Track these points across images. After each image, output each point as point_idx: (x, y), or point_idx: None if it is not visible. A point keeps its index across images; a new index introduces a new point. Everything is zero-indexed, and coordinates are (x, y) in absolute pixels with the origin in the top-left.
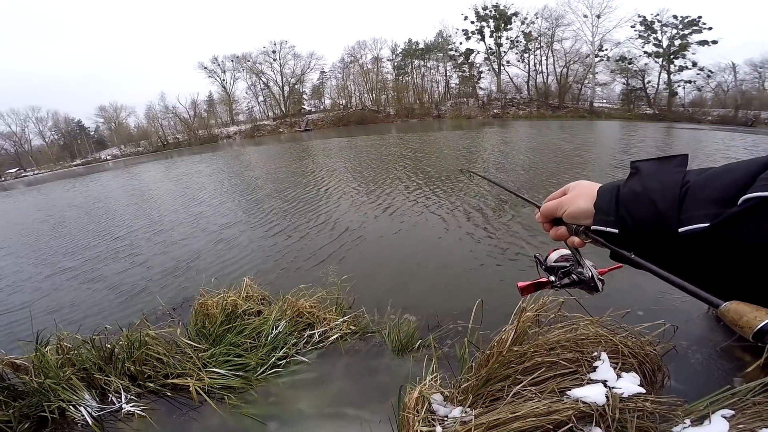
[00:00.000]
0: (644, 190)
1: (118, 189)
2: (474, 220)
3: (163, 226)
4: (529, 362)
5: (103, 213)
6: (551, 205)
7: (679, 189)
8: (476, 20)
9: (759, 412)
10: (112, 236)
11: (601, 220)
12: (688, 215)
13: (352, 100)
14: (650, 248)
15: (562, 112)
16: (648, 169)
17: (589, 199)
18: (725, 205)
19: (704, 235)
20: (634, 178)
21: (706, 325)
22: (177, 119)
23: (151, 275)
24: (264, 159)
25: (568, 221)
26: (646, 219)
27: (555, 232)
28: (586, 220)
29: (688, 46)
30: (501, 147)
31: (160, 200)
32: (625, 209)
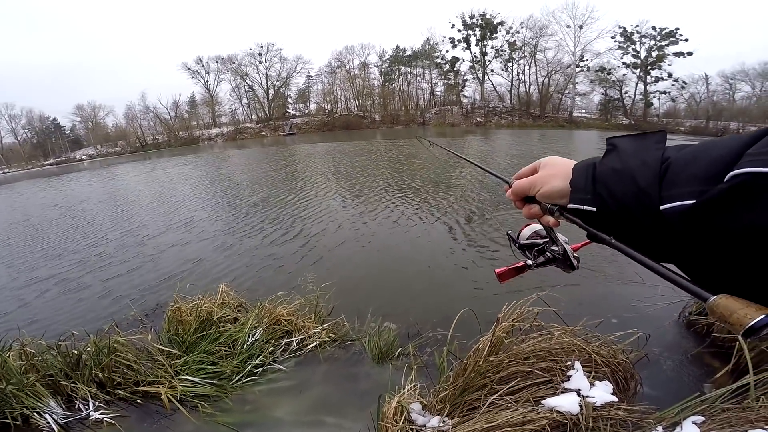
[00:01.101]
0: (623, 166)
1: (91, 190)
2: (455, 228)
3: (137, 229)
4: (504, 372)
5: (74, 215)
6: (523, 184)
7: (659, 165)
8: (463, 28)
9: (728, 418)
10: (82, 239)
11: (577, 198)
12: (670, 192)
13: (338, 105)
14: (630, 227)
15: (542, 122)
16: (625, 145)
17: (563, 177)
18: (710, 182)
19: (689, 214)
20: (611, 155)
21: (677, 332)
22: (157, 120)
23: (123, 280)
24: (245, 163)
25: (541, 200)
26: (625, 196)
27: (528, 211)
28: (561, 199)
29: (665, 57)
30: (485, 158)
31: (134, 203)
32: (603, 186)
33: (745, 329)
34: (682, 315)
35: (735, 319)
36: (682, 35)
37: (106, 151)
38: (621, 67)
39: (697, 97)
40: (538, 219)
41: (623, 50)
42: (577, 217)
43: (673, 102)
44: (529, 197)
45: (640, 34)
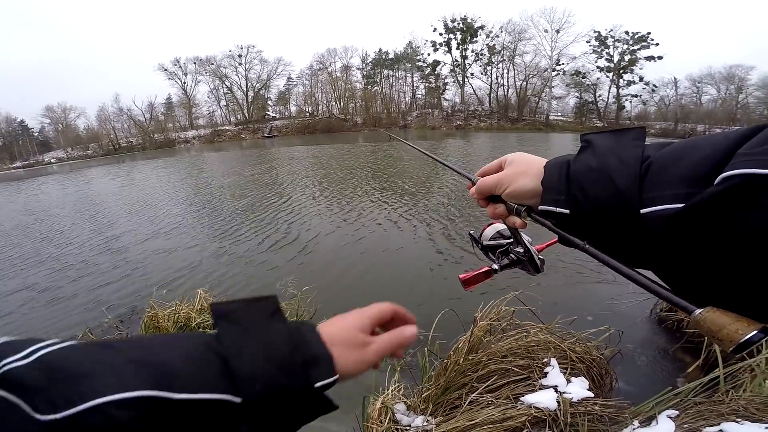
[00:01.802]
0: (599, 165)
1: (62, 195)
2: (436, 229)
3: (109, 235)
4: (483, 370)
5: (45, 220)
6: (489, 182)
7: (639, 164)
8: (444, 32)
9: (701, 411)
10: (52, 245)
11: (549, 199)
12: (652, 195)
13: (319, 107)
14: (606, 231)
15: (520, 125)
16: (602, 142)
17: (533, 176)
18: (697, 184)
19: (676, 219)
20: (586, 152)
21: (649, 328)
22: (131, 122)
23: (96, 287)
24: (222, 167)
25: (508, 200)
26: (602, 198)
27: (493, 211)
28: (529, 199)
29: (637, 61)
30: (467, 159)
31: (106, 208)
32: (577, 187)
33: (736, 345)
34: (653, 312)
35: (725, 334)
36: (653, 39)
37: (77, 154)
38: (595, 70)
39: (667, 100)
40: (503, 220)
41: (597, 54)
42: (548, 219)
43: (644, 105)
44: (494, 196)
45: (614, 39)
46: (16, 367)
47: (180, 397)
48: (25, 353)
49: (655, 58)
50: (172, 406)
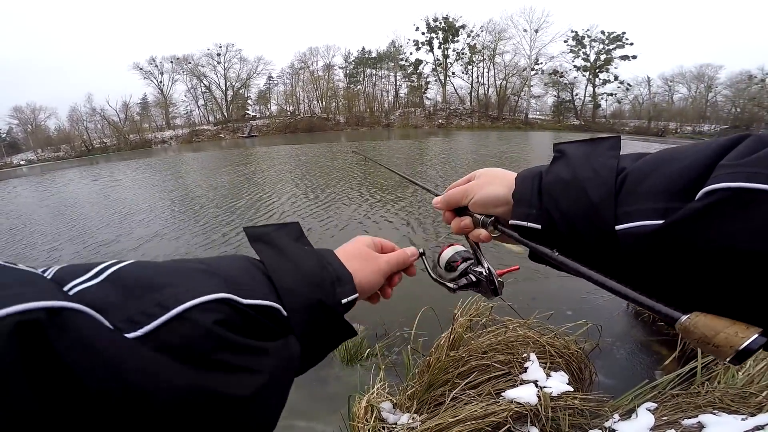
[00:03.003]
0: (573, 177)
1: (35, 198)
2: (417, 227)
3: (89, 240)
4: (465, 366)
5: (17, 224)
6: (456, 192)
7: (614, 177)
8: (427, 31)
9: (678, 403)
10: (31, 249)
11: (521, 213)
12: (628, 209)
13: (301, 107)
14: (579, 247)
15: (500, 123)
16: (575, 152)
17: (503, 186)
18: (676, 198)
19: (654, 236)
20: (559, 163)
21: (627, 321)
22: (105, 122)
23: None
24: (200, 167)
25: (474, 210)
26: (575, 212)
27: (457, 224)
28: (497, 208)
29: (612, 61)
30: (445, 156)
31: (83, 211)
32: (550, 200)
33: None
34: (630, 305)
35: (722, 339)
36: (628, 39)
37: (47, 155)
38: (572, 70)
39: (641, 98)
40: (467, 234)
41: (575, 54)
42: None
43: (619, 103)
44: (460, 209)
45: (590, 38)
46: (89, 287)
47: (246, 302)
48: (93, 273)
49: (629, 57)
50: (241, 311)
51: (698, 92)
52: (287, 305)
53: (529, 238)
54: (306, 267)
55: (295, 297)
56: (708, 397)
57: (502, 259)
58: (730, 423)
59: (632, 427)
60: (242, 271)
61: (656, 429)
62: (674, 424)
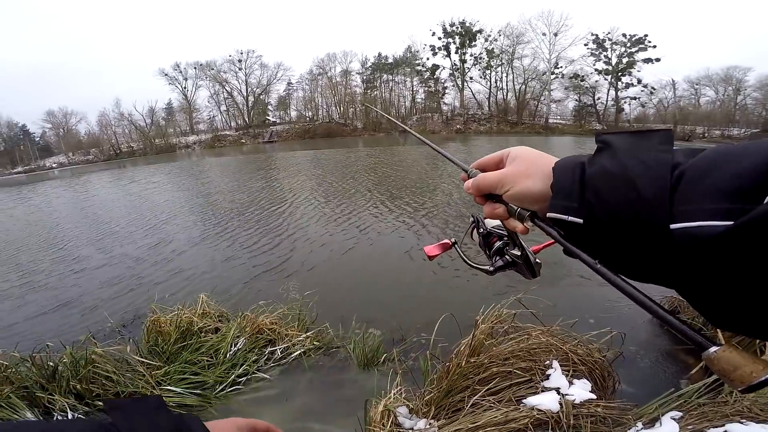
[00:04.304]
0: (620, 169)
1: (65, 199)
2: (437, 234)
3: (112, 239)
4: (485, 373)
5: (48, 224)
6: (490, 180)
7: (669, 172)
8: (443, 36)
9: (705, 412)
10: (55, 249)
11: (560, 206)
12: (686, 209)
13: (319, 112)
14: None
15: (519, 128)
16: (622, 143)
17: (541, 178)
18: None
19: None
20: (603, 155)
21: (652, 330)
22: (132, 127)
23: (98, 291)
24: (223, 172)
25: (510, 202)
26: (622, 207)
27: (491, 211)
28: (535, 204)
29: (635, 64)
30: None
31: (109, 212)
32: (594, 193)
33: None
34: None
35: (737, 376)
36: (650, 42)
37: (78, 159)
38: (593, 73)
39: (665, 102)
40: (503, 221)
41: (595, 57)
42: (555, 228)
43: (643, 107)
44: (493, 194)
45: (611, 41)
46: None
47: None
48: None
49: (652, 60)
50: None
51: (726, 95)
52: None
53: (569, 232)
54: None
55: None
56: (736, 406)
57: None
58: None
59: None
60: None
61: None
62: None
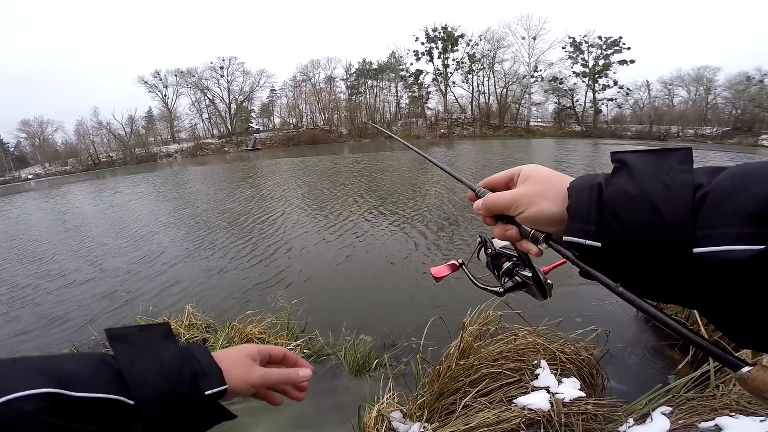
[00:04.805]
0: (641, 192)
1: (46, 212)
2: (424, 238)
3: (93, 251)
4: (475, 374)
5: (26, 235)
6: (502, 200)
7: (691, 194)
8: (426, 41)
9: (694, 407)
10: (34, 261)
11: (576, 229)
12: (709, 233)
13: (303, 119)
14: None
15: (502, 131)
16: (639, 163)
17: (556, 199)
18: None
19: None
20: (621, 175)
21: (637, 327)
22: (111, 136)
23: (81, 304)
24: (207, 181)
25: (524, 224)
26: (644, 232)
27: (502, 232)
28: (552, 227)
29: (610, 66)
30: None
31: (89, 224)
32: (613, 216)
33: None
34: (639, 311)
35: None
36: (625, 43)
37: (54, 170)
38: (571, 76)
39: (641, 102)
40: (514, 243)
41: (573, 60)
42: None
43: (620, 108)
44: (505, 215)
45: (588, 44)
46: None
47: (79, 394)
48: None
49: (627, 61)
50: (73, 401)
51: (698, 95)
52: (135, 396)
53: (586, 255)
54: (164, 362)
55: (144, 388)
56: (724, 399)
57: None
58: (748, 425)
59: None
60: (85, 366)
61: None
62: (691, 428)
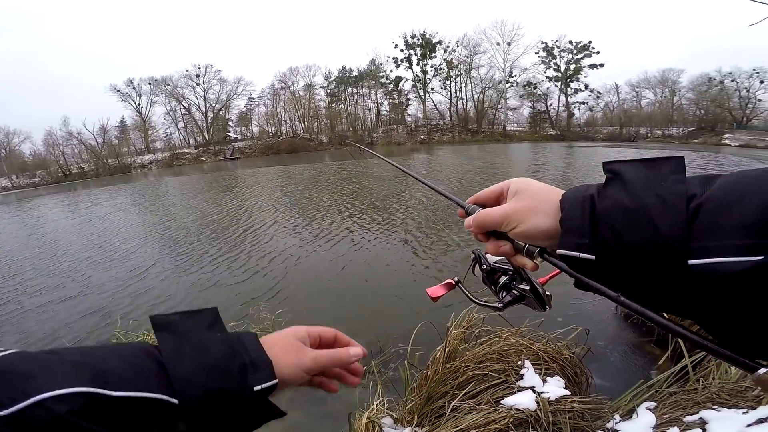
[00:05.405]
0: (635, 205)
1: (17, 226)
2: (408, 245)
3: (69, 264)
4: (462, 377)
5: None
6: (494, 217)
7: (685, 206)
8: (405, 48)
9: (677, 401)
10: (12, 276)
11: (570, 243)
12: (705, 245)
13: (283, 127)
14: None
15: (480, 136)
16: (632, 174)
17: (548, 214)
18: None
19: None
20: (614, 187)
21: (617, 324)
22: (82, 147)
23: (57, 318)
24: (183, 192)
25: (517, 239)
26: (639, 244)
27: (495, 248)
28: (546, 241)
29: (581, 70)
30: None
31: (64, 238)
32: (608, 229)
33: None
34: (618, 309)
35: None
36: (594, 48)
37: (22, 182)
38: (545, 81)
39: (611, 105)
40: (509, 258)
41: (546, 65)
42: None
43: (591, 111)
44: (497, 232)
45: (560, 48)
46: None
47: (117, 394)
48: None
49: (597, 65)
50: (110, 402)
51: (664, 96)
52: (180, 394)
53: (579, 267)
54: (211, 354)
55: (190, 386)
56: (705, 393)
57: None
58: (732, 417)
59: (635, 427)
60: (126, 362)
61: (659, 427)
62: (676, 422)
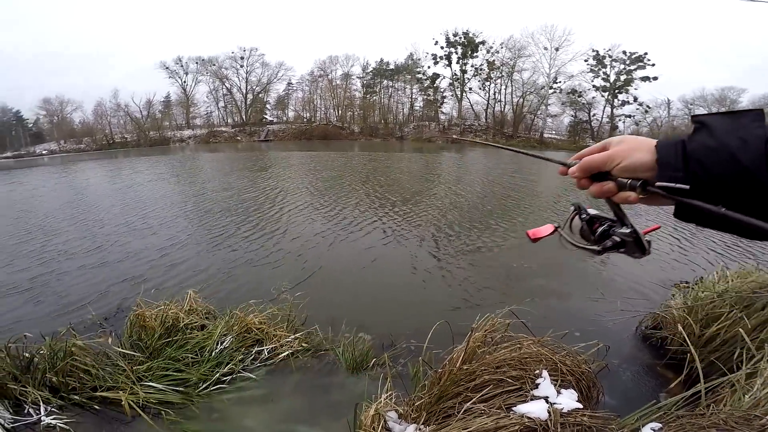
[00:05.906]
0: (720, 145)
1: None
2: (431, 242)
3: (98, 230)
4: (478, 380)
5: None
6: (598, 159)
7: (764, 144)
8: (446, 45)
9: (683, 424)
10: (38, 238)
11: (667, 176)
12: None
13: (317, 114)
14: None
15: (515, 141)
16: (718, 123)
17: (647, 152)
18: None
19: None
20: (701, 133)
21: (634, 344)
22: (128, 118)
23: (82, 283)
24: (219, 168)
25: (620, 175)
26: (726, 174)
27: (600, 189)
28: (646, 173)
29: (632, 81)
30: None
31: (97, 203)
32: (697, 164)
33: None
34: (638, 329)
35: None
36: (649, 60)
37: (68, 147)
38: (591, 89)
39: (659, 121)
40: (610, 198)
41: (594, 73)
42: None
43: (637, 126)
44: (599, 174)
45: (611, 58)
46: None
47: None
48: None
49: (650, 78)
50: None
51: None
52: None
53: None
54: None
55: None
56: (713, 419)
57: None
58: None
59: None
60: None
61: None
62: None
